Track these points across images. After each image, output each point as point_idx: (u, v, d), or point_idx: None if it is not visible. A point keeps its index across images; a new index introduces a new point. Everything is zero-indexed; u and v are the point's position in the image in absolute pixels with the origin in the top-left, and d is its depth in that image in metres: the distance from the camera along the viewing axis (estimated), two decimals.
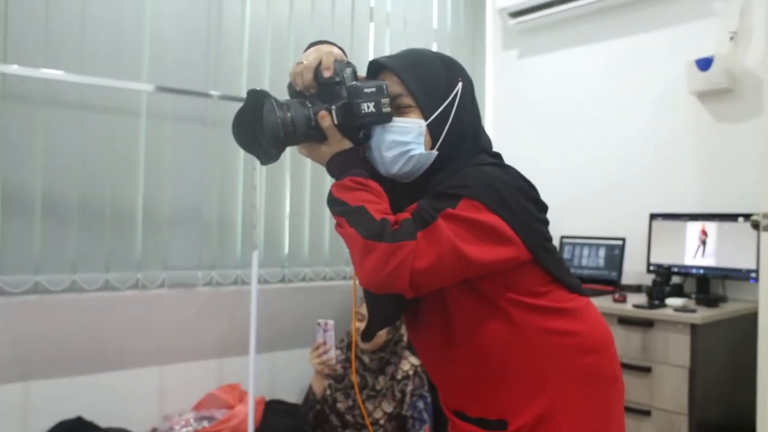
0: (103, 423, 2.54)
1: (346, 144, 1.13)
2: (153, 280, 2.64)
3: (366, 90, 1.09)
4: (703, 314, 2.37)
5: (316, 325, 2.36)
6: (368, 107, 1.09)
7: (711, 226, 2.81)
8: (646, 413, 2.46)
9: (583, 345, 1.16)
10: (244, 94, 2.66)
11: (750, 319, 2.13)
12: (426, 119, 1.14)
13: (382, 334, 2.40)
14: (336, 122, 1.10)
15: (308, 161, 3.08)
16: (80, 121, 2.44)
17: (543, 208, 1.19)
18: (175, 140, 2.69)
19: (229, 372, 2.94)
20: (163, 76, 2.61)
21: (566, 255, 3.32)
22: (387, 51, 3.38)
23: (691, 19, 3.01)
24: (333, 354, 2.34)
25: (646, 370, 2.46)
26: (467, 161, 1.16)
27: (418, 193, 1.15)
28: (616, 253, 3.13)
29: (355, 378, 1.31)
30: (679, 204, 3.02)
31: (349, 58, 1.19)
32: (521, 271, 1.14)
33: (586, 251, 3.25)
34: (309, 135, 1.10)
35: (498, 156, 1.24)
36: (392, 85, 1.14)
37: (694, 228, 2.86)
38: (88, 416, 2.53)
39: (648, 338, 2.47)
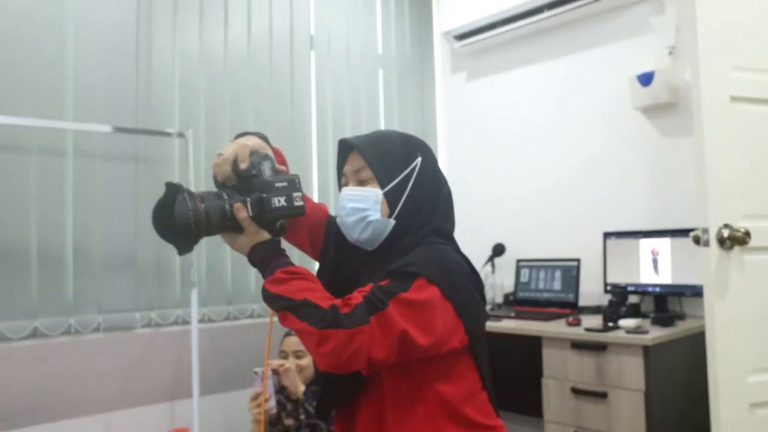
0: None
1: (264, 235, 1.17)
2: (87, 324, 2.51)
3: (277, 185, 1.13)
4: (654, 335, 2.29)
5: (253, 374, 2.27)
6: (279, 201, 1.13)
7: (664, 243, 2.75)
8: None
9: None
10: (176, 130, 2.65)
11: (704, 337, 2.06)
12: (383, 188, 1.22)
13: (310, 366, 2.32)
14: (251, 214, 1.13)
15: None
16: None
17: (483, 296, 1.27)
18: (104, 179, 2.59)
19: (180, 415, 2.81)
20: (89, 114, 2.53)
21: (523, 279, 3.25)
22: (329, 80, 3.32)
23: (631, 36, 3.00)
24: (273, 403, 2.25)
25: (602, 395, 2.37)
26: (420, 240, 1.21)
27: (377, 264, 1.20)
28: (572, 275, 3.06)
29: None
30: (632, 221, 2.97)
31: (290, 89, 1.26)
32: (455, 361, 1.18)
33: (542, 274, 3.17)
34: (226, 225, 1.13)
35: (452, 241, 1.29)
36: (356, 159, 1.25)
37: (647, 245, 2.81)
38: None
39: (602, 362, 2.39)
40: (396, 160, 1.24)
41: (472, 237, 3.47)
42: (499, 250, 3.35)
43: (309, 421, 2.34)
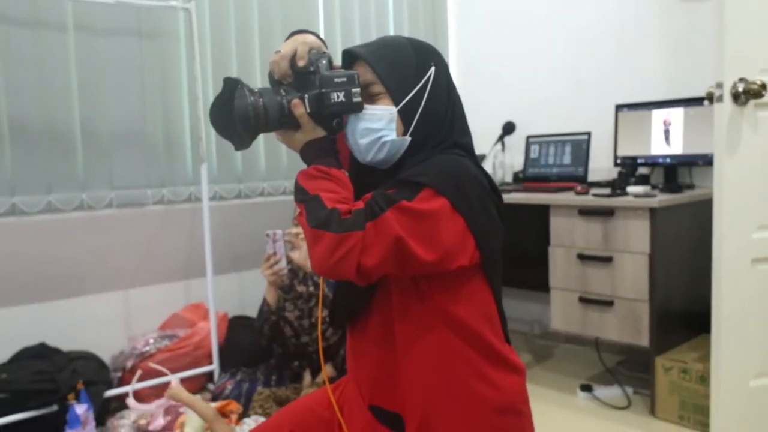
0: (67, 349, 2.52)
1: (320, 132, 1.13)
2: (99, 200, 2.56)
3: (336, 80, 1.11)
4: (661, 198, 2.30)
5: (265, 236, 2.32)
6: (338, 97, 1.11)
7: (677, 113, 2.70)
8: (609, 303, 2.42)
9: (499, 404, 1.14)
10: (180, 3, 2.57)
11: (711, 204, 2.05)
12: (396, 105, 1.13)
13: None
14: (308, 111, 1.11)
15: (262, 66, 2.97)
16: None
17: (501, 213, 1.17)
18: (109, 54, 2.56)
19: (196, 293, 2.91)
20: None
21: (533, 155, 3.23)
22: None
23: None
24: (284, 264, 2.30)
25: (607, 260, 2.41)
26: (435, 151, 1.14)
27: (390, 178, 1.13)
28: (582, 149, 3.03)
29: (321, 316, 1.29)
30: (645, 92, 2.90)
31: None
32: (466, 280, 1.12)
33: (552, 149, 3.15)
34: (283, 122, 1.12)
35: (472, 155, 1.20)
36: (364, 73, 1.14)
37: (660, 116, 2.76)
38: (52, 343, 2.50)
39: (608, 227, 2.41)
40: (409, 72, 1.14)
41: (482, 116, 3.43)
42: (509, 128, 3.31)
43: (317, 292, 2.41)
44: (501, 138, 3.31)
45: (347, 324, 1.27)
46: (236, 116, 1.06)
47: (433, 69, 1.16)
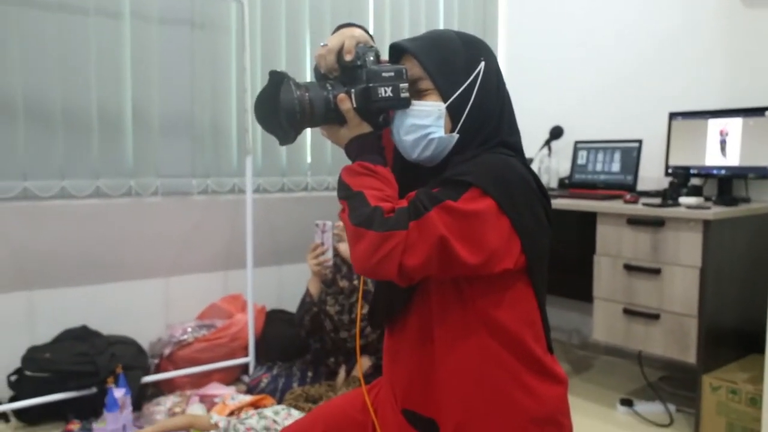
0: (107, 333, 2.56)
1: (366, 128, 1.10)
2: (146, 187, 2.59)
3: (384, 74, 1.07)
4: (716, 210, 2.21)
5: (314, 226, 2.31)
6: (385, 92, 1.07)
7: (734, 123, 2.60)
8: (655, 317, 2.35)
9: (538, 414, 1.11)
10: None
11: None
12: (445, 101, 1.09)
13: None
14: (355, 106, 1.08)
15: (311, 60, 2.97)
16: (58, 23, 2.36)
17: (549, 216, 1.13)
18: (161, 43, 2.59)
19: (234, 284, 2.93)
20: None
21: (580, 161, 3.16)
22: None
23: None
24: (330, 256, 2.28)
25: (656, 271, 2.34)
26: (481, 150, 1.10)
27: (433, 177, 1.10)
28: (632, 156, 2.95)
29: (360, 310, 1.27)
30: (701, 101, 2.81)
31: None
32: (510, 284, 1.08)
33: (600, 156, 3.07)
34: (328, 117, 1.09)
35: (520, 154, 1.17)
36: (412, 68, 1.11)
37: (716, 126, 2.66)
38: (93, 326, 2.55)
39: (658, 238, 2.33)
40: (458, 66, 1.10)
41: (529, 119, 3.34)
42: (556, 132, 3.24)
43: (359, 286, 2.39)
44: (548, 142, 3.25)
45: (386, 324, 1.24)
46: (282, 110, 1.03)
47: (482, 64, 1.11)
